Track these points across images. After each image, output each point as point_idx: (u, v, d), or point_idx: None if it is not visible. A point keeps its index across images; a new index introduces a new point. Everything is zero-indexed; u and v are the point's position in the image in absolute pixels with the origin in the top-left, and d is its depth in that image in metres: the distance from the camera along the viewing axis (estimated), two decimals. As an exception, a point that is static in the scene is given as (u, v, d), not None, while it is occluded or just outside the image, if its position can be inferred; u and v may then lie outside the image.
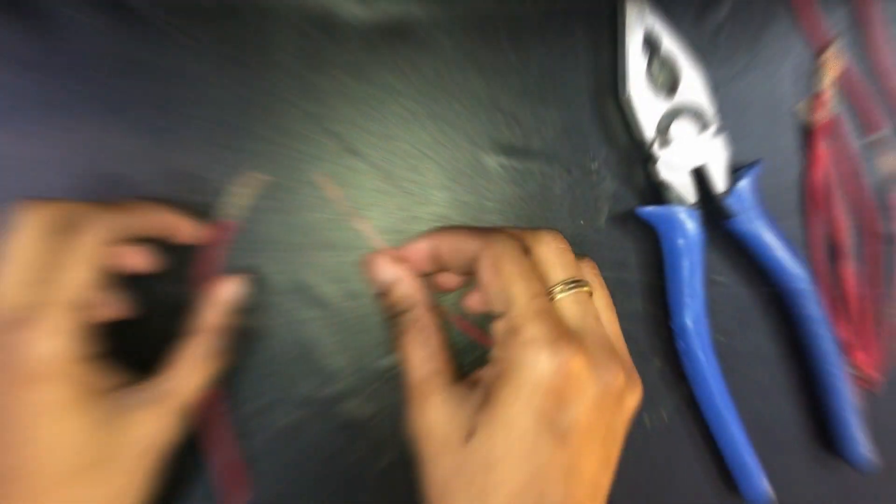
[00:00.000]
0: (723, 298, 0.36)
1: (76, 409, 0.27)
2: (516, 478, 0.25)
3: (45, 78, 0.33)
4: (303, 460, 0.34)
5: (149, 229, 0.30)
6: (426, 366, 0.27)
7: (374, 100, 0.34)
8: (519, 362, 0.25)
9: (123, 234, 0.29)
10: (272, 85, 0.34)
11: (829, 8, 0.36)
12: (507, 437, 0.25)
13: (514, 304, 0.26)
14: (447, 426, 0.26)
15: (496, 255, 0.27)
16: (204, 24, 0.34)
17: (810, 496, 0.36)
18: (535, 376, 0.25)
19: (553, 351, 0.25)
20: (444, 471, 0.26)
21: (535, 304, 0.26)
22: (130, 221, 0.29)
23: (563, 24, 0.35)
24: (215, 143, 0.34)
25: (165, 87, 0.34)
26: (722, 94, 0.35)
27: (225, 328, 0.31)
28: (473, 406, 0.26)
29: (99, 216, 0.28)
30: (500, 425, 0.25)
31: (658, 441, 0.36)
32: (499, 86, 0.35)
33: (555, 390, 0.25)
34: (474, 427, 0.25)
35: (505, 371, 0.25)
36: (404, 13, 0.34)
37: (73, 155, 0.33)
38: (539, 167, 0.35)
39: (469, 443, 0.25)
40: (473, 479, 0.25)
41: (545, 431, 0.25)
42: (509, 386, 0.25)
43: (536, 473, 0.25)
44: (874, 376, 0.35)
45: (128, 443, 0.28)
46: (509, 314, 0.25)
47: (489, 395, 0.25)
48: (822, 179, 0.35)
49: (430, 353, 0.28)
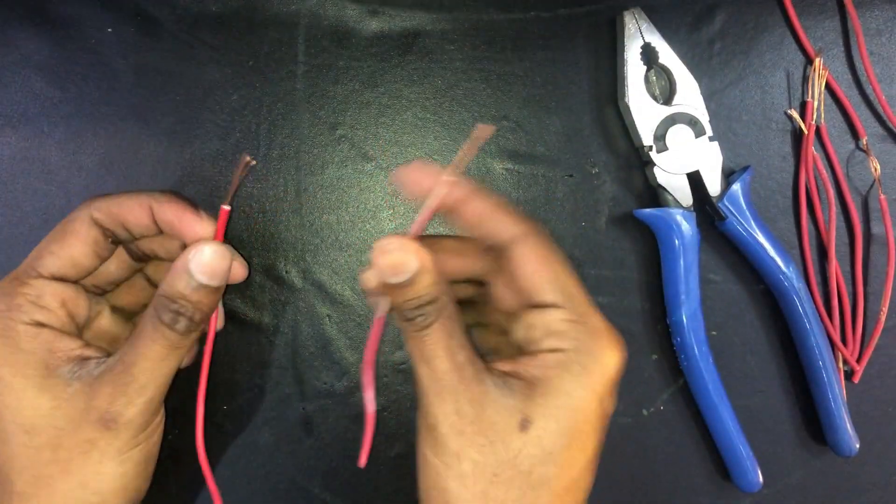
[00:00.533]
0: (716, 296, 0.37)
1: (41, 383, 0.26)
2: (574, 467, 0.25)
3: (71, 85, 0.35)
4: (319, 449, 0.36)
5: (145, 217, 0.28)
6: (460, 355, 0.25)
7: (387, 108, 0.36)
8: (590, 352, 0.24)
9: (118, 217, 0.28)
10: (289, 93, 0.35)
11: (817, 21, 0.37)
12: (573, 425, 0.24)
13: (574, 295, 0.25)
14: (497, 414, 0.24)
15: (544, 245, 0.25)
16: (224, 35, 0.35)
17: (799, 482, 0.38)
18: (604, 366, 0.24)
19: (618, 343, 0.25)
20: (493, 461, 0.24)
21: (584, 294, 0.25)
22: (125, 206, 0.28)
23: (565, 36, 0.36)
24: (233, 149, 0.35)
25: (186, 94, 0.35)
26: (716, 102, 0.37)
27: (183, 295, 0.27)
28: (520, 395, 0.24)
29: (98, 198, 0.28)
30: (565, 412, 0.24)
31: (654, 430, 0.37)
32: (505, 94, 0.36)
33: (614, 380, 0.25)
34: (529, 415, 0.24)
35: (572, 360, 0.24)
36: (415, 26, 0.36)
37: (95, 159, 0.35)
38: (543, 171, 0.36)
39: (527, 431, 0.24)
40: (532, 469, 0.24)
41: (601, 417, 0.25)
42: (579, 374, 0.24)
43: (588, 461, 0.25)
44: (857, 369, 0.37)
45: (86, 417, 0.26)
46: (571, 304, 0.25)
47: (546, 383, 0.24)
48: (811, 183, 0.37)
49: (461, 342, 0.25)
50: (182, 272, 0.27)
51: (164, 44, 0.35)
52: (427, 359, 0.25)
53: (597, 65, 0.36)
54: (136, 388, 0.26)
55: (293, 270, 0.35)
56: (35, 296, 0.27)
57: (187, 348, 0.28)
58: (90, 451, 0.26)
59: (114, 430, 0.26)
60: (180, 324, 0.27)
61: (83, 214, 0.28)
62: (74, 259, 0.28)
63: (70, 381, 0.26)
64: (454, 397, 0.24)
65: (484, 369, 0.25)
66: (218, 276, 0.27)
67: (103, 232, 0.28)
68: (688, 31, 0.36)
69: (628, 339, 0.37)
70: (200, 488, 0.35)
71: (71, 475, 0.26)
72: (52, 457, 0.26)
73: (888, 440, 0.38)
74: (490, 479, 0.24)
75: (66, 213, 0.34)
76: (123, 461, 0.27)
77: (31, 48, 0.34)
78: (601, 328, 0.25)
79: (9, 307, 0.26)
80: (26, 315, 0.26)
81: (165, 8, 0.35)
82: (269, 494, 0.35)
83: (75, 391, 0.26)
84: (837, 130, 0.37)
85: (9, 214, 0.35)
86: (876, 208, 0.37)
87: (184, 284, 0.27)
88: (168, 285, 0.27)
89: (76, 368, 0.26)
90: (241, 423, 0.35)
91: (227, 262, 0.27)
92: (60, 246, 0.27)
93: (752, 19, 0.37)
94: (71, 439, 0.26)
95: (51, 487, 0.26)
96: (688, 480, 0.37)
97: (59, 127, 0.35)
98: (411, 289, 0.25)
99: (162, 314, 0.27)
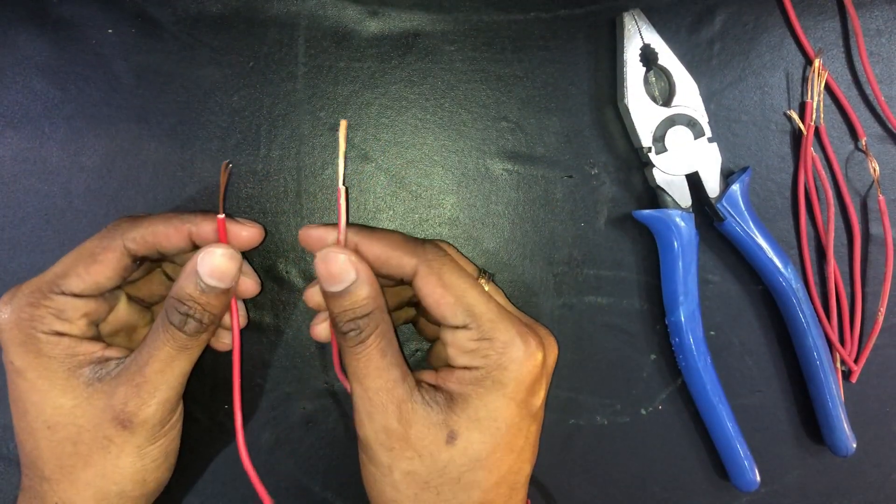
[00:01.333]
0: (715, 296, 0.37)
1: (63, 384, 0.27)
2: (502, 466, 0.27)
3: (72, 86, 0.35)
4: (319, 448, 0.36)
5: (173, 239, 0.29)
6: (392, 374, 0.26)
7: (387, 108, 0.36)
8: (500, 366, 0.26)
9: (154, 245, 0.29)
10: (289, 94, 0.35)
11: (817, 22, 0.37)
12: (496, 432, 0.26)
13: (476, 314, 0.26)
14: (424, 430, 0.26)
15: (444, 269, 0.27)
16: (224, 36, 0.35)
17: (796, 482, 0.38)
18: (516, 375, 0.26)
19: (527, 349, 0.26)
20: (423, 472, 0.26)
21: (492, 309, 0.27)
22: (161, 234, 0.28)
23: (565, 37, 0.36)
24: (234, 150, 0.35)
25: (186, 95, 0.35)
26: (715, 103, 0.37)
27: (192, 297, 0.27)
28: (443, 409, 0.26)
29: (131, 225, 0.29)
30: (486, 423, 0.26)
31: (652, 430, 0.37)
32: (504, 95, 0.36)
33: (533, 381, 0.27)
34: (455, 429, 0.26)
35: (485, 376, 0.26)
36: (415, 26, 0.36)
37: (96, 160, 0.35)
38: (542, 172, 0.36)
39: (454, 444, 0.26)
40: (461, 476, 0.26)
41: (525, 416, 0.27)
42: (492, 388, 0.26)
43: (518, 455, 0.27)
44: (855, 369, 0.37)
45: (104, 416, 0.27)
46: (476, 325, 0.26)
47: (466, 397, 0.26)
48: (810, 184, 0.37)
49: (394, 359, 0.27)
50: (191, 274, 0.28)
51: (165, 45, 0.35)
52: (360, 377, 0.27)
53: (596, 66, 0.36)
54: (149, 389, 0.27)
55: (293, 270, 0.36)
56: (57, 310, 0.28)
57: (198, 349, 0.29)
58: (108, 446, 0.27)
59: (130, 428, 0.27)
60: (189, 325, 0.27)
61: (116, 244, 0.28)
62: (99, 283, 0.28)
63: (90, 381, 0.27)
64: (384, 416, 0.26)
65: (414, 386, 0.27)
66: (226, 278, 0.28)
67: (133, 258, 0.29)
68: (687, 32, 0.37)
69: (627, 338, 0.37)
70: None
71: (91, 467, 0.27)
72: (73, 450, 0.27)
73: (885, 440, 0.38)
74: (422, 486, 0.26)
75: (67, 214, 0.35)
76: (142, 456, 0.28)
77: (32, 49, 0.34)
78: (510, 340, 0.26)
79: (32, 317, 0.27)
80: (48, 326, 0.27)
81: (166, 9, 0.35)
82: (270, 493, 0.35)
83: (95, 391, 0.27)
84: (837, 131, 0.37)
85: (10, 215, 0.35)
86: (875, 209, 0.37)
87: (192, 286, 0.28)
88: (178, 287, 0.28)
89: (97, 369, 0.28)
90: (241, 422, 0.36)
91: (235, 265, 0.28)
92: (87, 271, 0.28)
93: (751, 20, 0.37)
94: (90, 436, 0.27)
95: (73, 476, 0.28)
96: (686, 480, 0.37)
97: (59, 127, 0.35)
98: (348, 299, 0.26)
99: (171, 316, 0.28)
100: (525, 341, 0.27)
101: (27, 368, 0.27)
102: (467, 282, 0.27)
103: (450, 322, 0.27)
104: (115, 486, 0.28)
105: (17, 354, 0.27)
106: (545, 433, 0.31)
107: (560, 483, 0.37)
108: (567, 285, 0.36)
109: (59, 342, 0.27)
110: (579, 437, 0.37)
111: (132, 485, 0.28)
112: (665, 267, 0.35)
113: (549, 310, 0.36)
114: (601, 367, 0.37)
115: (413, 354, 0.36)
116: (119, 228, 0.29)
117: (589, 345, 0.37)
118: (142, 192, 0.35)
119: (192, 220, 0.29)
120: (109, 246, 0.28)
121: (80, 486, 0.27)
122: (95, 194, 0.35)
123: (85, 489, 0.28)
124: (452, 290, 0.27)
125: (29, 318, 0.27)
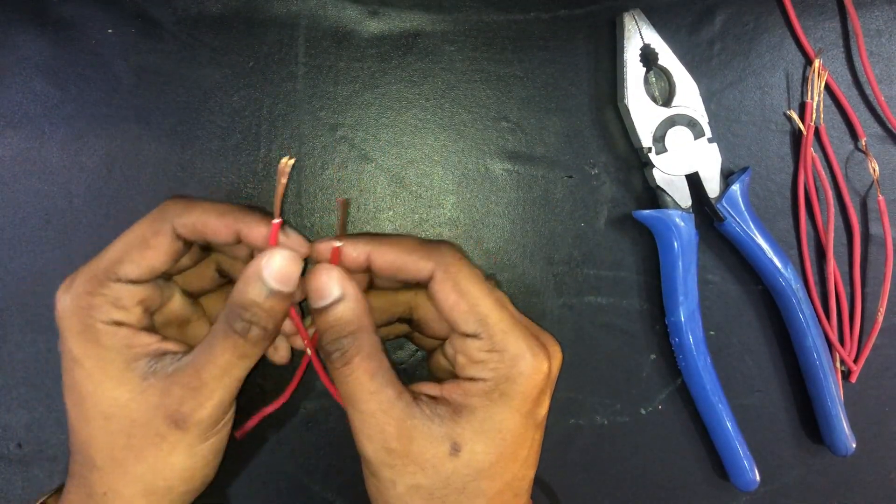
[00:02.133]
0: (715, 296, 0.37)
1: (119, 376, 0.27)
2: (506, 474, 0.27)
3: (72, 86, 0.35)
4: (319, 448, 0.36)
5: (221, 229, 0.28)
6: (385, 394, 0.26)
7: (387, 108, 0.36)
8: (509, 379, 0.26)
9: (203, 235, 0.28)
10: (289, 94, 0.35)
11: (817, 22, 0.37)
12: (501, 443, 0.26)
13: (489, 324, 0.26)
14: (426, 444, 0.26)
15: (460, 274, 0.27)
16: (225, 36, 0.35)
17: (796, 481, 0.38)
18: (523, 389, 0.26)
19: (536, 362, 0.26)
20: (428, 484, 0.26)
21: (504, 318, 0.26)
22: (211, 226, 0.28)
23: (565, 38, 0.36)
24: (234, 150, 0.35)
25: (186, 95, 0.35)
26: (715, 104, 0.37)
27: (256, 303, 0.27)
28: (445, 421, 0.26)
29: (183, 209, 0.28)
30: (491, 435, 0.26)
31: (652, 430, 0.37)
32: (504, 95, 0.36)
33: (538, 394, 0.27)
34: (459, 441, 0.26)
35: (492, 388, 0.26)
36: (415, 26, 0.36)
37: (97, 160, 0.35)
38: (542, 172, 0.36)
39: (458, 456, 0.26)
40: (465, 486, 0.26)
41: (530, 426, 0.27)
42: (499, 400, 0.26)
43: (522, 463, 0.27)
44: (854, 369, 0.37)
45: (157, 413, 0.27)
46: (487, 335, 0.26)
47: (471, 409, 0.26)
48: (810, 184, 0.37)
49: (386, 378, 0.26)
50: (255, 279, 0.27)
51: (165, 45, 0.35)
52: (353, 401, 0.27)
53: (596, 66, 0.36)
54: (206, 393, 0.27)
55: (294, 271, 0.36)
56: (114, 297, 0.27)
57: (257, 355, 0.28)
58: (160, 443, 0.27)
59: (183, 428, 0.27)
60: (253, 332, 0.27)
61: (166, 227, 0.27)
62: (154, 268, 0.28)
63: (146, 375, 0.27)
64: (381, 436, 0.26)
65: (411, 401, 0.27)
66: (290, 281, 0.27)
67: (184, 242, 0.28)
68: (687, 32, 0.37)
69: (627, 339, 0.37)
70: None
71: (143, 461, 0.27)
72: (126, 443, 0.27)
73: (885, 440, 0.38)
74: (426, 498, 0.26)
75: (67, 214, 0.35)
76: (192, 455, 0.28)
77: (32, 49, 0.35)
78: (520, 353, 0.26)
79: (90, 306, 0.27)
80: (105, 315, 0.27)
81: (166, 9, 0.35)
82: (271, 493, 0.36)
83: (150, 386, 0.27)
84: (837, 131, 0.37)
85: (10, 215, 0.35)
86: (874, 209, 0.37)
87: (256, 292, 0.27)
88: (240, 293, 0.27)
89: (153, 363, 0.27)
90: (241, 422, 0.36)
91: (298, 268, 0.27)
92: (141, 255, 0.27)
93: (751, 20, 0.37)
94: (143, 430, 0.27)
95: (124, 468, 0.27)
96: (685, 479, 0.37)
97: (60, 128, 0.35)
98: (331, 315, 0.26)
99: (234, 322, 0.27)
100: (534, 354, 0.26)
101: (85, 357, 0.27)
102: (482, 289, 0.27)
103: (461, 329, 0.27)
104: (163, 481, 0.28)
105: (75, 343, 0.27)
106: (545, 432, 0.31)
107: (560, 483, 0.37)
108: (567, 285, 0.36)
109: (118, 332, 0.27)
110: (579, 437, 0.37)
111: (180, 482, 0.28)
112: (665, 267, 0.35)
113: (549, 310, 0.36)
114: (601, 367, 0.37)
115: (413, 355, 0.36)
116: (170, 211, 0.28)
117: (589, 345, 0.37)
118: (142, 192, 0.35)
119: (246, 220, 0.28)
120: (161, 230, 0.27)
121: (129, 479, 0.27)
122: (95, 194, 0.35)
123: (134, 482, 0.27)
124: (467, 298, 0.26)
125: (87, 306, 0.27)
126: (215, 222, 0.27)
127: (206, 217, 0.27)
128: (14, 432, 0.35)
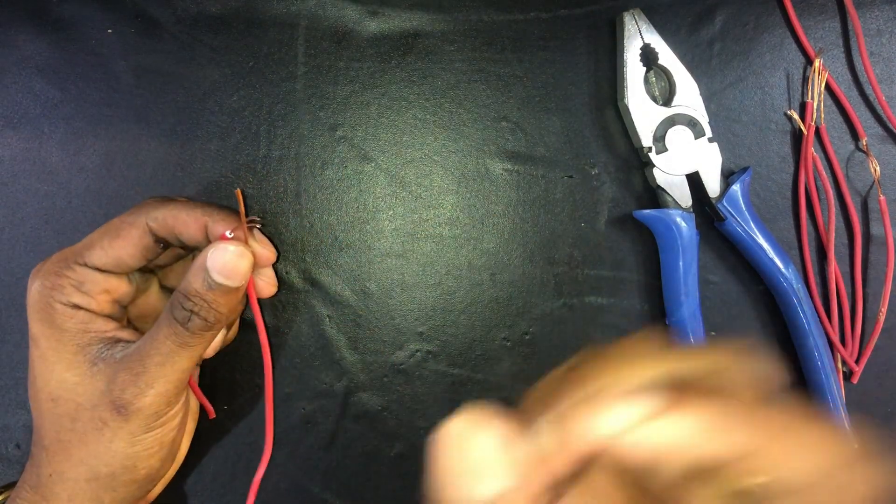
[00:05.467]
0: (716, 296, 0.37)
1: (71, 359, 0.27)
2: None
3: (71, 86, 0.35)
4: (318, 449, 0.36)
5: (189, 225, 0.29)
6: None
7: (386, 108, 0.36)
8: None
9: (173, 229, 0.29)
10: (288, 94, 0.35)
11: (817, 22, 0.37)
12: None
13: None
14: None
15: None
16: (224, 36, 0.35)
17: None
18: None
19: None
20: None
21: None
22: (181, 220, 0.28)
23: (565, 37, 0.36)
24: (234, 149, 0.35)
25: (186, 95, 0.35)
26: (716, 103, 0.37)
27: (198, 293, 0.27)
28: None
29: (157, 205, 0.29)
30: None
31: (654, 431, 0.37)
32: (504, 95, 0.36)
33: None
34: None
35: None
36: (415, 26, 0.36)
37: (96, 160, 0.35)
38: (542, 172, 0.36)
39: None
40: None
41: None
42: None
43: None
44: (856, 370, 0.37)
45: (103, 399, 0.27)
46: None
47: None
48: (811, 184, 0.37)
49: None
50: (199, 270, 0.27)
51: (165, 45, 0.35)
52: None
53: (596, 66, 0.36)
54: (147, 380, 0.27)
55: (293, 271, 0.36)
56: (77, 281, 0.28)
57: (202, 346, 0.28)
58: (102, 429, 0.27)
59: (124, 415, 0.27)
60: (193, 322, 0.27)
61: (140, 220, 0.28)
62: (121, 259, 0.28)
63: (96, 360, 0.27)
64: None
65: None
66: (236, 276, 0.27)
67: (156, 239, 0.29)
68: (687, 32, 0.37)
69: (627, 339, 0.37)
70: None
71: (85, 446, 0.28)
72: (71, 426, 0.28)
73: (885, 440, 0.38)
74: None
75: (67, 214, 0.35)
76: (133, 443, 0.28)
77: (32, 49, 0.35)
78: None
79: (53, 286, 0.28)
80: (66, 297, 0.28)
81: (166, 9, 0.35)
82: (270, 494, 0.35)
83: (98, 371, 0.27)
84: (837, 131, 0.37)
85: (10, 215, 0.35)
86: (875, 209, 0.37)
87: (200, 282, 0.27)
88: (185, 282, 0.27)
89: (105, 349, 0.28)
90: (241, 422, 0.36)
91: (245, 263, 0.28)
92: (111, 244, 0.28)
93: (752, 20, 0.37)
94: (87, 415, 0.27)
95: (68, 451, 0.28)
96: (686, 480, 0.37)
97: (59, 128, 0.35)
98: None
99: (175, 311, 0.27)
100: None
101: (41, 337, 0.27)
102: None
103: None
104: (106, 468, 0.28)
105: (35, 322, 0.28)
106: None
107: (560, 484, 0.37)
108: (567, 285, 0.36)
109: (74, 315, 0.27)
110: (579, 438, 0.37)
111: (122, 469, 0.28)
112: (666, 267, 0.35)
113: (549, 310, 0.36)
114: (601, 368, 0.37)
115: (413, 355, 0.36)
116: (145, 206, 0.29)
117: (589, 345, 0.37)
118: (142, 192, 0.35)
119: (212, 214, 0.29)
120: (134, 223, 0.28)
121: (73, 462, 0.28)
122: (95, 194, 0.35)
123: (78, 465, 0.28)
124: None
125: (51, 286, 0.27)
126: (184, 216, 0.28)
127: (176, 211, 0.28)
128: (13, 432, 0.35)
